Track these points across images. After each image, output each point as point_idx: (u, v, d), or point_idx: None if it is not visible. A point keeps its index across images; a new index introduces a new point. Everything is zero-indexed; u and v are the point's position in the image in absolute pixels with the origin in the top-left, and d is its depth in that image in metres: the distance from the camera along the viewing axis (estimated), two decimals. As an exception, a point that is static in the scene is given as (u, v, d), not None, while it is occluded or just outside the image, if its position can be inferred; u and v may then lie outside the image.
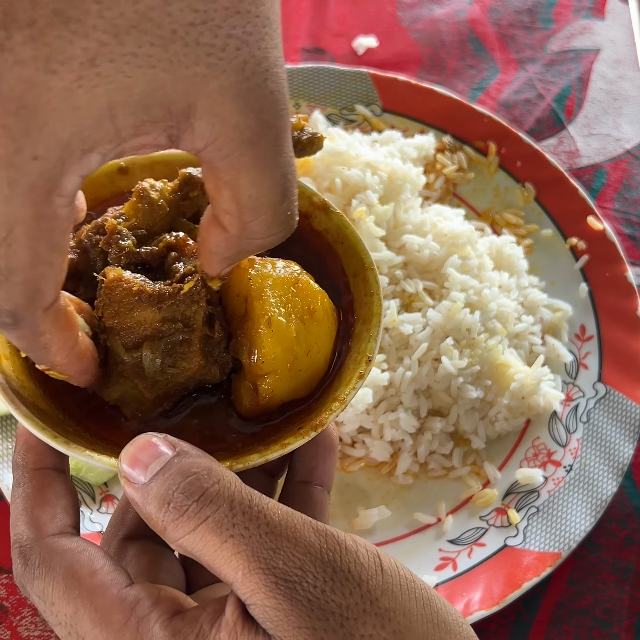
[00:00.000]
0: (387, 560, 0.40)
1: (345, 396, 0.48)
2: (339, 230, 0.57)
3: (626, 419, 0.78)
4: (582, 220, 0.88)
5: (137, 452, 0.43)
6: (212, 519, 0.39)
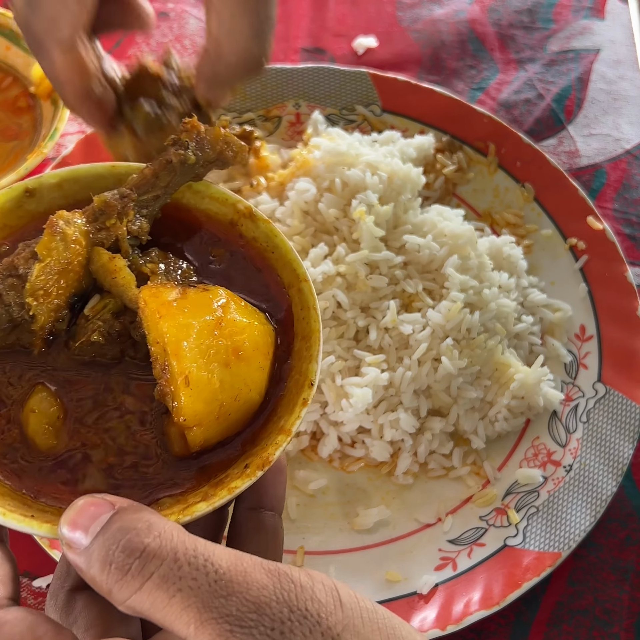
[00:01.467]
0: (346, 593, 0.39)
1: (291, 426, 0.46)
2: (267, 239, 0.54)
3: (626, 418, 0.78)
4: (582, 220, 0.88)
5: (76, 516, 0.41)
6: (157, 575, 0.38)
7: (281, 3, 1.13)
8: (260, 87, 0.97)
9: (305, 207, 0.85)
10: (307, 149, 0.89)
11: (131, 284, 0.50)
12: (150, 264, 0.52)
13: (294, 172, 0.88)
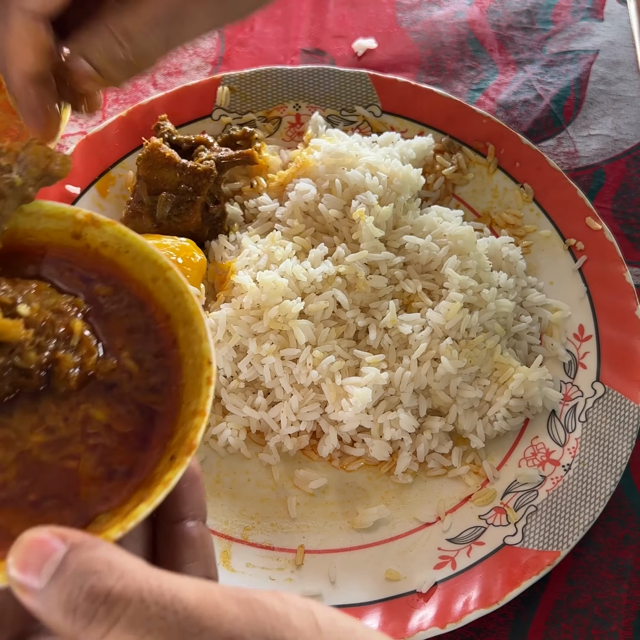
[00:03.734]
0: (322, 616, 0.38)
1: (203, 407, 0.45)
2: (118, 240, 0.52)
3: (624, 418, 0.78)
4: (581, 220, 0.89)
5: (25, 555, 0.38)
6: (125, 618, 0.36)
7: (281, 4, 1.14)
8: (260, 89, 0.97)
9: (305, 208, 0.85)
10: (307, 150, 0.89)
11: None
12: (5, 295, 0.49)
13: (294, 173, 0.88)
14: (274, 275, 0.79)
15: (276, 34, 1.11)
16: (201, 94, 0.96)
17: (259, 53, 1.09)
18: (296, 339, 0.78)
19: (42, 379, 0.48)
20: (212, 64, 1.08)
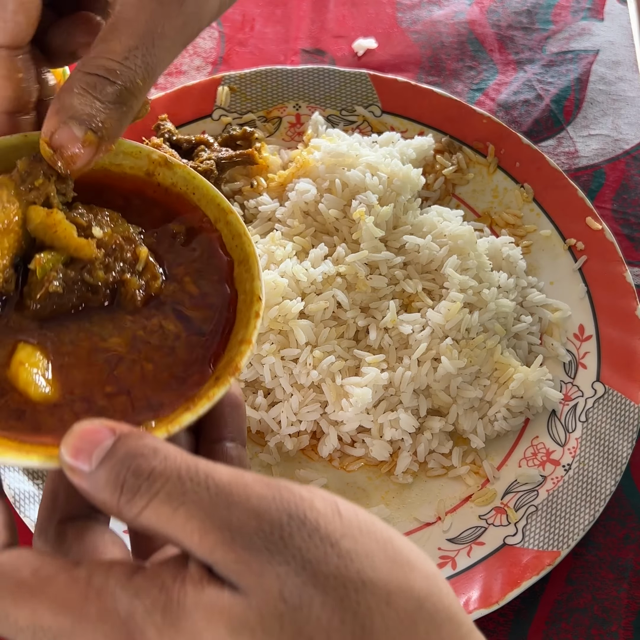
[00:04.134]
0: (345, 506, 0.40)
1: (250, 337, 0.50)
2: (187, 182, 0.57)
3: (625, 418, 0.78)
4: (581, 220, 0.89)
5: (78, 442, 0.43)
6: (163, 492, 0.40)
7: (281, 4, 1.14)
8: (260, 89, 0.97)
9: (305, 208, 0.85)
10: (307, 150, 0.89)
11: (73, 233, 0.53)
12: (81, 218, 0.54)
13: (294, 173, 0.88)
14: (274, 275, 0.79)
15: (276, 34, 1.11)
16: (201, 94, 0.96)
17: (259, 53, 1.09)
18: (296, 339, 0.78)
19: (106, 297, 0.53)
20: (212, 64, 1.08)
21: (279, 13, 1.13)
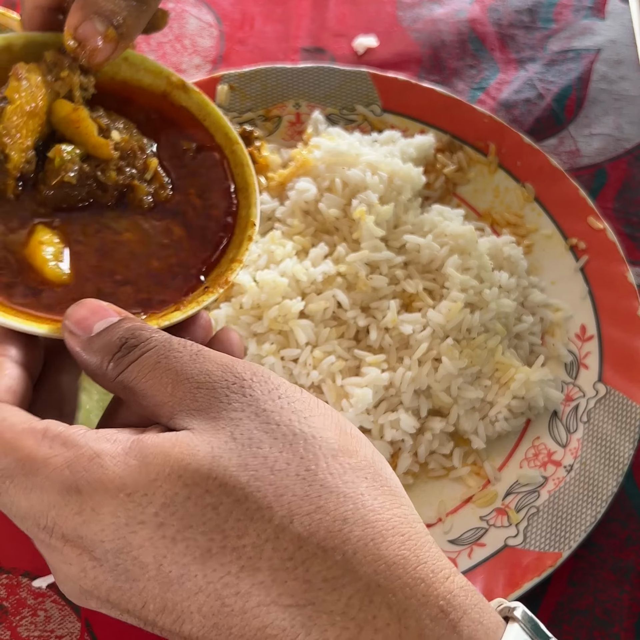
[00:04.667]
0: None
1: (241, 257, 0.56)
2: (200, 108, 0.62)
3: (627, 419, 0.78)
4: (583, 220, 0.88)
5: (85, 312, 0.46)
6: (151, 351, 0.43)
7: (281, 3, 1.13)
8: (260, 87, 0.97)
9: (305, 207, 0.85)
10: (307, 149, 0.89)
11: (94, 132, 0.57)
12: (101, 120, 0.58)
13: (294, 172, 0.87)
14: (274, 275, 0.78)
15: (276, 32, 1.11)
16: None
17: (258, 52, 1.09)
18: (296, 339, 0.77)
19: (114, 197, 0.57)
20: (211, 63, 1.07)
21: (279, 11, 1.12)
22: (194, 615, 0.38)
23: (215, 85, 0.96)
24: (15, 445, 0.41)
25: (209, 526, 0.37)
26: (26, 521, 0.41)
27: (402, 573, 0.37)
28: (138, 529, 0.38)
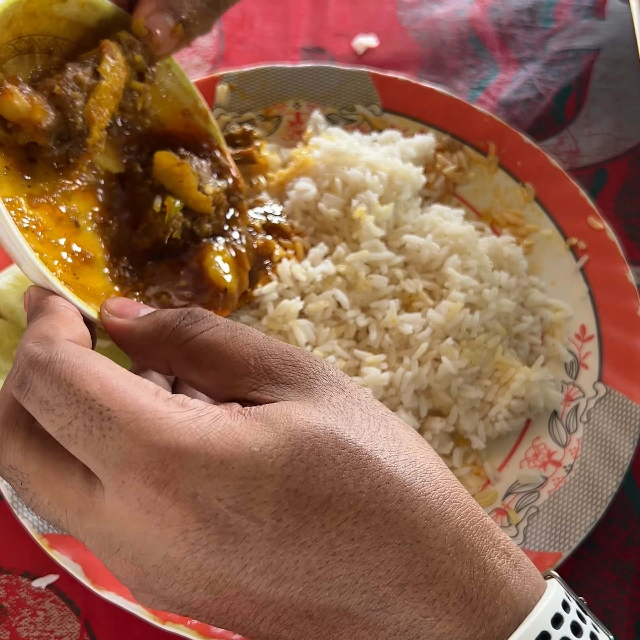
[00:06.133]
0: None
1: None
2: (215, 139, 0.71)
3: (627, 419, 0.78)
4: (583, 220, 0.88)
5: (123, 301, 0.49)
6: (223, 324, 0.44)
7: (281, 2, 1.13)
8: (260, 87, 0.97)
9: (305, 207, 0.85)
10: (307, 149, 0.89)
11: (196, 187, 0.61)
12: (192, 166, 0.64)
13: (294, 172, 0.87)
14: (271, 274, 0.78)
15: (276, 32, 1.10)
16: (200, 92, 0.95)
17: (258, 51, 1.08)
18: (296, 339, 0.77)
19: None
20: (211, 62, 1.07)
21: (279, 11, 1.12)
22: (299, 571, 0.38)
23: (215, 85, 0.95)
24: (125, 393, 0.39)
25: (329, 475, 0.38)
26: (128, 471, 0.38)
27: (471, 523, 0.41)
28: (265, 483, 0.38)
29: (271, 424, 0.39)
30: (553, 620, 0.39)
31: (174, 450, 0.37)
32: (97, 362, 0.41)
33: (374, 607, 0.38)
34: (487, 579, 0.39)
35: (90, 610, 0.71)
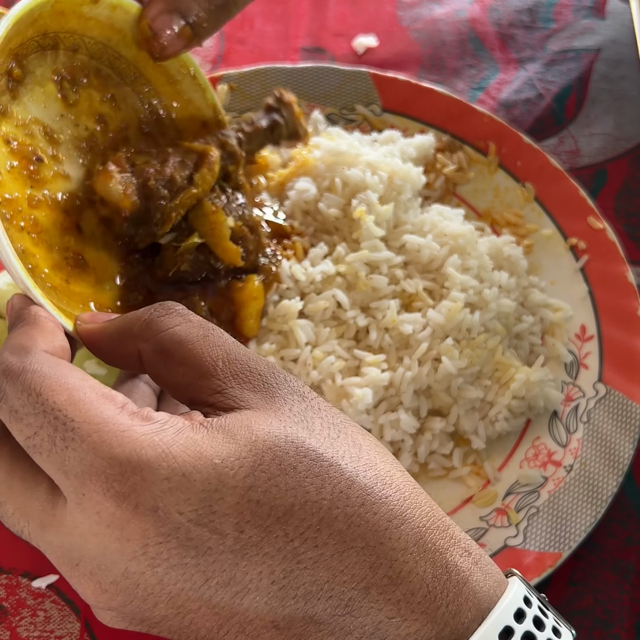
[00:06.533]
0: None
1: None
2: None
3: (627, 419, 0.78)
4: (583, 220, 0.88)
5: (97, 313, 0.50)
6: (196, 322, 0.44)
7: (281, 2, 1.13)
8: (260, 87, 0.97)
9: (305, 207, 0.85)
10: (307, 149, 0.89)
11: (227, 237, 0.65)
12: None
13: (293, 172, 0.87)
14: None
15: (276, 32, 1.10)
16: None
17: (258, 51, 1.08)
18: (296, 339, 0.77)
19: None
20: (211, 62, 1.07)
21: (279, 11, 1.12)
22: (263, 582, 0.38)
23: (215, 85, 0.95)
24: (91, 405, 0.39)
25: (291, 484, 0.38)
26: (89, 483, 0.37)
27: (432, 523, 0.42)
28: (227, 495, 0.38)
29: (232, 436, 0.39)
30: (515, 615, 0.40)
31: (135, 463, 0.37)
32: (68, 373, 0.41)
33: (340, 612, 0.38)
34: (450, 577, 0.40)
35: (90, 610, 0.71)
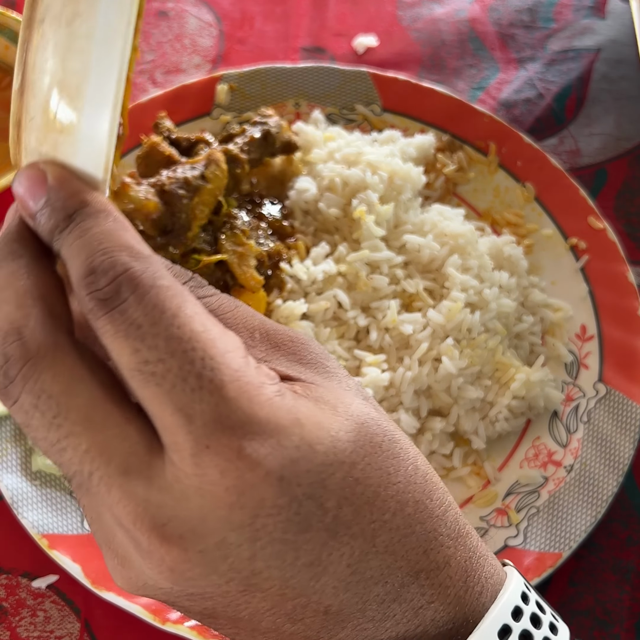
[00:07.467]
0: None
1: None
2: None
3: (627, 419, 0.78)
4: (583, 219, 0.88)
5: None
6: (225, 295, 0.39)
7: (281, 2, 1.13)
8: (260, 87, 0.97)
9: (305, 207, 0.85)
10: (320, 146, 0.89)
11: (253, 266, 0.71)
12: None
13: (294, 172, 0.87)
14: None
15: (276, 32, 1.10)
16: (200, 92, 0.95)
17: (258, 51, 1.08)
18: (296, 339, 0.77)
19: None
20: (211, 62, 1.07)
21: (279, 11, 1.12)
22: (341, 565, 0.36)
23: (215, 85, 0.95)
24: (228, 347, 0.33)
25: (378, 464, 0.37)
26: (220, 436, 0.32)
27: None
28: (337, 470, 0.36)
29: (334, 408, 0.35)
30: (513, 613, 0.39)
31: (273, 425, 0.33)
32: (192, 298, 0.34)
33: (390, 599, 0.37)
34: (478, 560, 0.40)
35: (90, 610, 0.71)
